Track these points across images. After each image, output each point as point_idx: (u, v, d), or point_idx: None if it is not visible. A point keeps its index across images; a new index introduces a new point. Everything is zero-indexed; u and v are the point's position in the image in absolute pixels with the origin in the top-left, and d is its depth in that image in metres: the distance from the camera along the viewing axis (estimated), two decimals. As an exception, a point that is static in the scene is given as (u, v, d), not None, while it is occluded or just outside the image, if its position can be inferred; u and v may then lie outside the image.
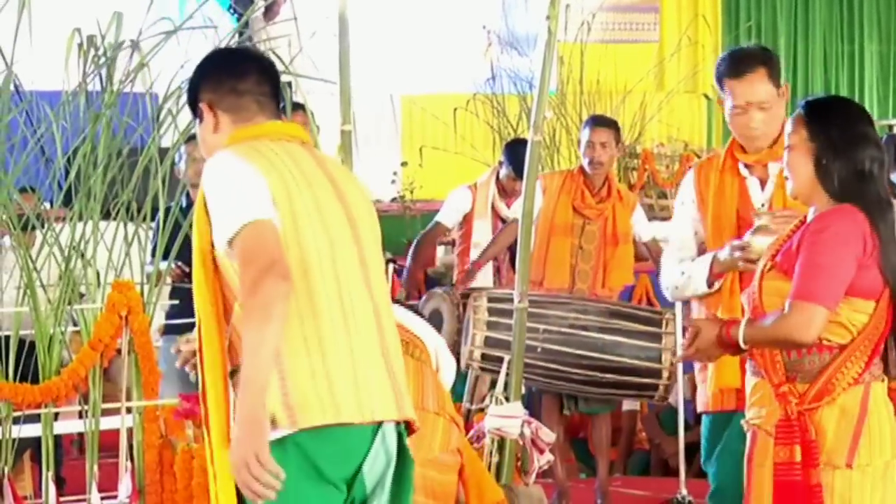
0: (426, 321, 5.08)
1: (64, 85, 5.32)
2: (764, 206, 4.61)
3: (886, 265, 3.70)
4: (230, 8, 10.33)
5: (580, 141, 7.55)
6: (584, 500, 7.18)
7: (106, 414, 5.34)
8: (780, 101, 4.66)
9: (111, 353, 5.26)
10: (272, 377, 3.17)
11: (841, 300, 3.67)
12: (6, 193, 5.34)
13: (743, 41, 14.05)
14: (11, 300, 5.48)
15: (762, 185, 4.71)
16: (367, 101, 9.80)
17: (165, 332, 6.48)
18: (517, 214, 6.26)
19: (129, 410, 5.29)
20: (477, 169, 9.48)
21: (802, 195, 3.84)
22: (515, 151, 7.63)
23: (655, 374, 6.66)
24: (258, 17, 10.22)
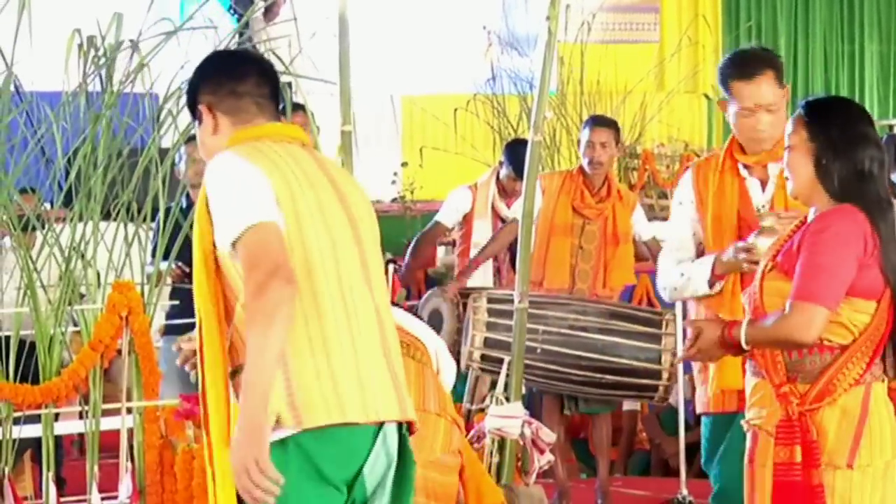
0: (426, 321, 5.08)
1: (64, 85, 5.32)
2: (765, 206, 4.60)
3: (887, 265, 3.70)
4: (230, 8, 10.32)
5: (580, 141, 7.54)
6: (584, 500, 7.17)
7: (106, 414, 5.34)
8: (784, 102, 4.66)
9: (111, 353, 5.26)
10: (277, 378, 3.16)
11: (842, 300, 3.67)
12: (6, 194, 5.34)
13: (743, 41, 14.02)
14: (12, 301, 5.48)
15: (762, 185, 4.70)
16: (367, 101, 9.80)
17: (166, 332, 6.48)
18: (517, 215, 6.26)
19: (129, 411, 5.29)
20: (477, 169, 9.46)
21: (802, 195, 3.83)
22: (515, 151, 7.62)
23: (655, 374, 6.66)
24: (258, 17, 10.20)
